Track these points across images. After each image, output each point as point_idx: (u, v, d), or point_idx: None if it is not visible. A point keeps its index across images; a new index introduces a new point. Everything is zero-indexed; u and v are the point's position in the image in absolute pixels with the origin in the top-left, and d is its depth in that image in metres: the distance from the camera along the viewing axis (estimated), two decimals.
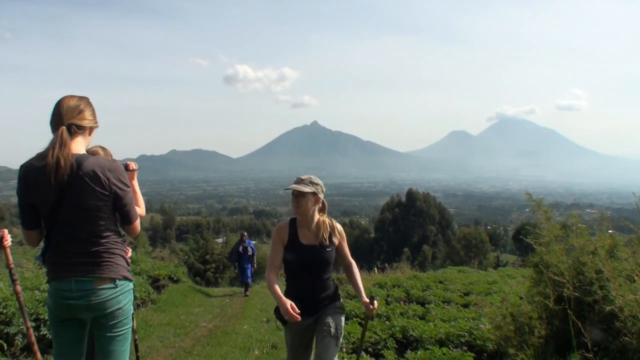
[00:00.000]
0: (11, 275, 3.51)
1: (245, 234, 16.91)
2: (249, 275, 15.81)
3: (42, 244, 3.09)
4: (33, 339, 3.60)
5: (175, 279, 15.04)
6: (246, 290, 15.54)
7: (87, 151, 4.47)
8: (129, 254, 4.72)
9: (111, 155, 4.53)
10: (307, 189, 3.76)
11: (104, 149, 4.51)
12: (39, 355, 3.59)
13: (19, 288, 3.54)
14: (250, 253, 15.90)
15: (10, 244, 3.36)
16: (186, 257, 31.20)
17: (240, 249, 15.90)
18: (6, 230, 3.27)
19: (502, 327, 5.48)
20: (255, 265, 16.10)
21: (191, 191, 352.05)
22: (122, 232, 3.21)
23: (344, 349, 7.35)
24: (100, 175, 2.88)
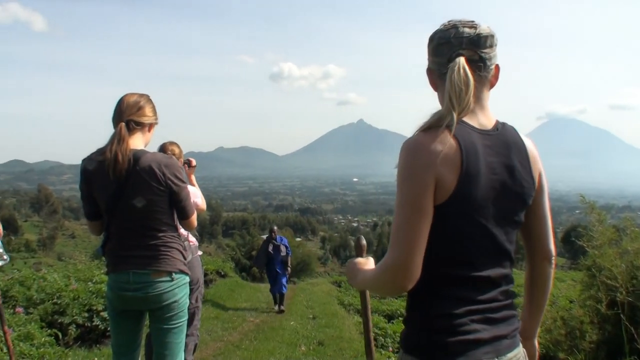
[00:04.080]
0: None
1: (276, 228, 12.23)
2: (284, 283, 11.52)
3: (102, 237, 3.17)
4: (10, 342, 3.72)
5: (222, 273, 15.26)
6: (281, 303, 11.36)
7: (161, 145, 4.61)
8: (195, 244, 4.84)
9: (182, 152, 4.67)
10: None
11: (177, 145, 4.64)
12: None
13: None
14: (283, 253, 11.58)
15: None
16: (233, 252, 31.54)
17: (270, 248, 11.63)
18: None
19: (552, 330, 5.42)
20: (289, 269, 11.81)
21: (238, 188, 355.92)
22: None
23: (390, 348, 7.37)
24: (157, 170, 2.93)
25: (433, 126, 1.57)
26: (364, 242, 1.93)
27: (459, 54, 1.62)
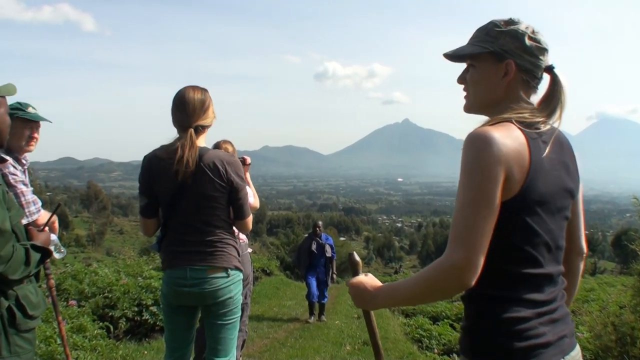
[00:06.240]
0: (45, 268, 3.66)
1: (320, 224, 10.36)
2: (325, 293, 9.90)
3: (157, 233, 3.23)
4: (64, 332, 3.80)
5: (268, 271, 15.40)
6: (321, 313, 9.83)
7: (216, 144, 4.73)
8: (246, 241, 4.92)
9: (235, 150, 4.78)
10: (472, 48, 1.82)
11: (231, 143, 4.74)
12: (68, 350, 3.81)
13: (52, 282, 3.75)
14: (329, 254, 9.82)
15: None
16: (277, 251, 31.74)
17: (314, 247, 9.74)
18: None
19: (602, 336, 5.32)
20: (335, 273, 10.15)
21: (282, 186, 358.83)
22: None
23: (435, 350, 7.34)
24: (220, 167, 2.99)
25: (501, 120, 1.58)
26: (357, 258, 1.84)
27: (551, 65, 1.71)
